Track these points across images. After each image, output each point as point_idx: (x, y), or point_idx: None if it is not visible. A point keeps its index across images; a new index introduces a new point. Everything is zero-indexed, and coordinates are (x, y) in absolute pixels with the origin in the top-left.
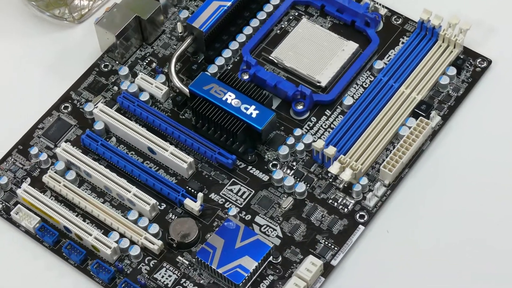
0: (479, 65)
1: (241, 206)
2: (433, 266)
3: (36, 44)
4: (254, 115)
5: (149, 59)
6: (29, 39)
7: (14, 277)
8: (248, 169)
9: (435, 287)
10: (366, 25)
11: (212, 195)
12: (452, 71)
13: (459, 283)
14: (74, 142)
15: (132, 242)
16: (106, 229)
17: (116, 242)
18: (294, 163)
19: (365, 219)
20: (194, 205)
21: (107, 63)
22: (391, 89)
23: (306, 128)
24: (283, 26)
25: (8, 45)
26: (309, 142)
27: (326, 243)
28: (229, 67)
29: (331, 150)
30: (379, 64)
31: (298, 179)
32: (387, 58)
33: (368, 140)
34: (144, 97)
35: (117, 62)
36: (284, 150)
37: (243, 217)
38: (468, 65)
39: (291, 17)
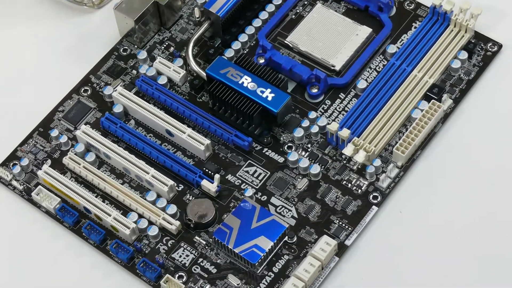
0: (490, 49)
1: (257, 187)
2: (445, 246)
3: (56, 29)
4: (269, 98)
5: (167, 44)
6: (50, 24)
7: (35, 257)
8: (264, 151)
9: (447, 267)
10: (379, 10)
11: (229, 177)
12: (464, 55)
13: (470, 263)
14: (94, 125)
15: (151, 223)
16: (125, 210)
17: (135, 222)
18: (309, 145)
19: (378, 200)
20: (211, 186)
21: (126, 47)
22: (403, 72)
23: (320, 111)
24: (298, 11)
25: (29, 30)
26: (324, 124)
27: (340, 223)
28: (245, 51)
29: (345, 133)
30: (392, 49)
31: (313, 161)
32: (400, 42)
33: (381, 122)
34: (162, 80)
35: (135, 46)
36: (299, 133)
37: (259, 198)
38: (479, 49)
39: (306, 3)
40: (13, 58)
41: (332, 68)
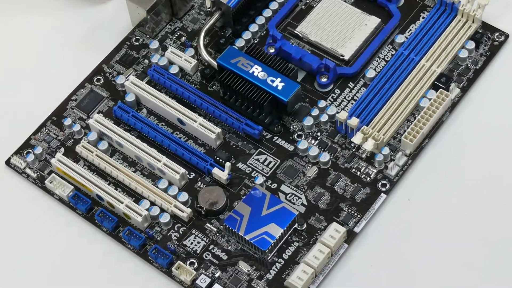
0: (497, 39)
1: (267, 175)
2: (453, 233)
3: (70, 19)
4: (280, 87)
5: (178, 33)
6: (63, 14)
7: (48, 244)
8: (274, 140)
9: (454, 254)
10: (388, 0)
11: (239, 165)
12: (471, 45)
13: (478, 250)
14: (106, 114)
15: (162, 210)
16: (137, 197)
17: (147, 209)
18: (319, 134)
19: (387, 187)
20: (222, 174)
21: (138, 37)
22: (412, 62)
23: (330, 100)
24: (307, 1)
25: (43, 20)
26: (333, 113)
27: (349, 210)
28: (255, 41)
29: (354, 121)
30: (400, 38)
31: (322, 149)
32: (408, 32)
33: (390, 111)
34: (174, 70)
35: (147, 36)
36: (308, 121)
37: (269, 185)
38: (486, 39)
39: None
40: (27, 48)
41: (341, 57)
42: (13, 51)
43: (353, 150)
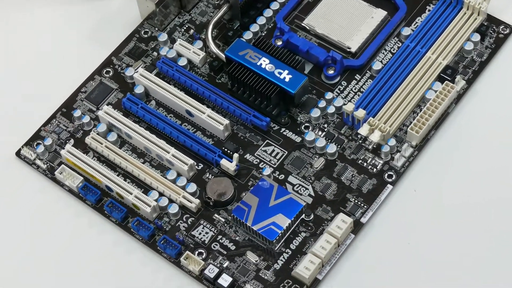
0: (502, 32)
1: (274, 166)
2: (458, 224)
3: (79, 12)
4: (287, 79)
5: (187, 26)
6: (73, 7)
7: (58, 234)
8: (281, 131)
9: (460, 244)
10: None
11: (247, 156)
12: (476, 37)
13: (483, 241)
14: (116, 105)
15: (171, 201)
16: (146, 188)
17: (156, 200)
18: (326, 125)
19: (393, 178)
20: (230, 165)
21: (147, 30)
22: (418, 54)
23: (337, 92)
24: None
25: (53, 12)
26: (340, 105)
27: (356, 201)
28: (263, 34)
29: (360, 113)
30: (406, 31)
31: (329, 141)
32: (414, 25)
33: (396, 103)
34: (182, 62)
35: (156, 29)
36: (316, 113)
37: (277, 176)
38: (491, 31)
39: None
40: (37, 40)
41: (348, 50)
42: (23, 44)
43: (360, 141)
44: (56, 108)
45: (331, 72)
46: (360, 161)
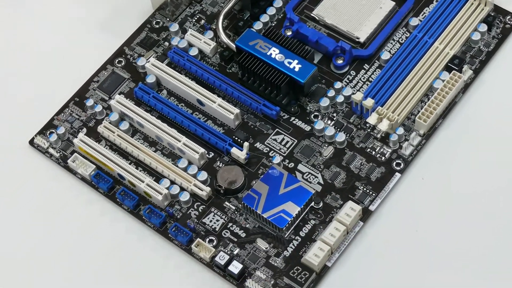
0: (509, 22)
1: (284, 154)
2: (465, 211)
3: (92, 2)
4: (296, 69)
5: (198, 16)
6: None
7: (70, 221)
8: (291, 120)
9: (467, 231)
10: None
11: (257, 144)
12: (483, 27)
13: (491, 228)
14: (128, 95)
15: (182, 189)
16: (158, 176)
17: (167, 188)
18: (335, 114)
19: (401, 167)
20: (240, 153)
21: (159, 20)
22: (425, 44)
23: (345, 81)
24: None
25: (66, 2)
26: (349, 94)
27: (365, 189)
28: (273, 24)
29: (369, 102)
30: (414, 21)
31: (338, 129)
32: (422, 15)
33: (404, 92)
34: (193, 52)
35: (168, 19)
36: (325, 102)
37: (287, 165)
38: (498, 22)
39: None
40: (50, 30)
41: (357, 40)
42: (36, 34)
43: (368, 130)
44: (69, 97)
45: (340, 62)
46: (368, 150)
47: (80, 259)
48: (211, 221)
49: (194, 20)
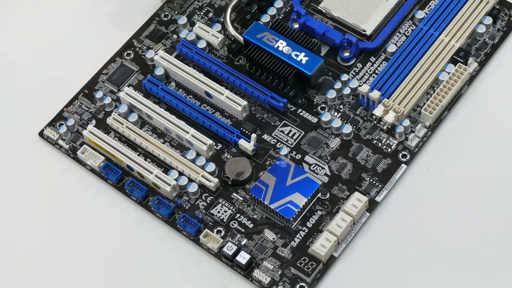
0: None
1: (291, 146)
2: (470, 201)
3: None
4: (304, 61)
5: (206, 9)
6: None
7: (80, 212)
8: (298, 112)
9: (472, 221)
10: None
11: (265, 136)
12: (488, 20)
13: (496, 219)
14: (136, 87)
15: (190, 180)
16: (166, 168)
17: (175, 179)
18: (341, 106)
19: (407, 158)
20: (248, 145)
21: (167, 13)
22: (431, 37)
23: (352, 74)
24: None
25: None
26: (355, 86)
27: (371, 180)
28: (280, 17)
29: (375, 94)
30: (420, 14)
31: (345, 121)
32: (428, 8)
33: (410, 84)
34: (202, 44)
35: (176, 12)
36: (332, 94)
37: (294, 156)
38: (503, 14)
39: None
40: (60, 22)
41: (363, 32)
42: (46, 25)
43: (375, 122)
44: (78, 89)
45: (346, 54)
46: (375, 141)
47: (89, 250)
48: (219, 212)
49: (202, 13)
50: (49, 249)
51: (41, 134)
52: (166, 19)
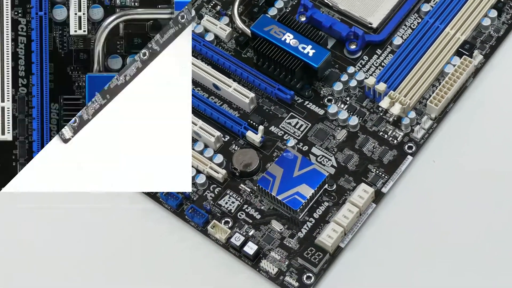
0: None
1: (298, 138)
2: (476, 193)
3: None
4: (310, 54)
5: (214, 3)
6: None
7: (87, 204)
8: (305, 104)
9: (477, 212)
10: None
11: (272, 128)
12: (493, 13)
13: (502, 210)
14: None
15: (198, 171)
16: None
17: None
18: (348, 98)
19: (413, 150)
20: (255, 137)
21: None
22: (437, 30)
23: (358, 66)
24: None
25: None
26: (362, 79)
27: (377, 172)
28: (287, 10)
29: (381, 86)
30: (426, 7)
31: (351, 113)
32: (434, 1)
33: (416, 77)
34: (209, 37)
35: None
36: (338, 86)
37: (301, 148)
38: (508, 7)
39: None
40: None
41: (370, 25)
42: None
43: (381, 114)
44: None
45: (353, 47)
46: (381, 133)
47: (97, 241)
48: (226, 203)
49: (210, 6)
50: (58, 237)
51: None
52: None
